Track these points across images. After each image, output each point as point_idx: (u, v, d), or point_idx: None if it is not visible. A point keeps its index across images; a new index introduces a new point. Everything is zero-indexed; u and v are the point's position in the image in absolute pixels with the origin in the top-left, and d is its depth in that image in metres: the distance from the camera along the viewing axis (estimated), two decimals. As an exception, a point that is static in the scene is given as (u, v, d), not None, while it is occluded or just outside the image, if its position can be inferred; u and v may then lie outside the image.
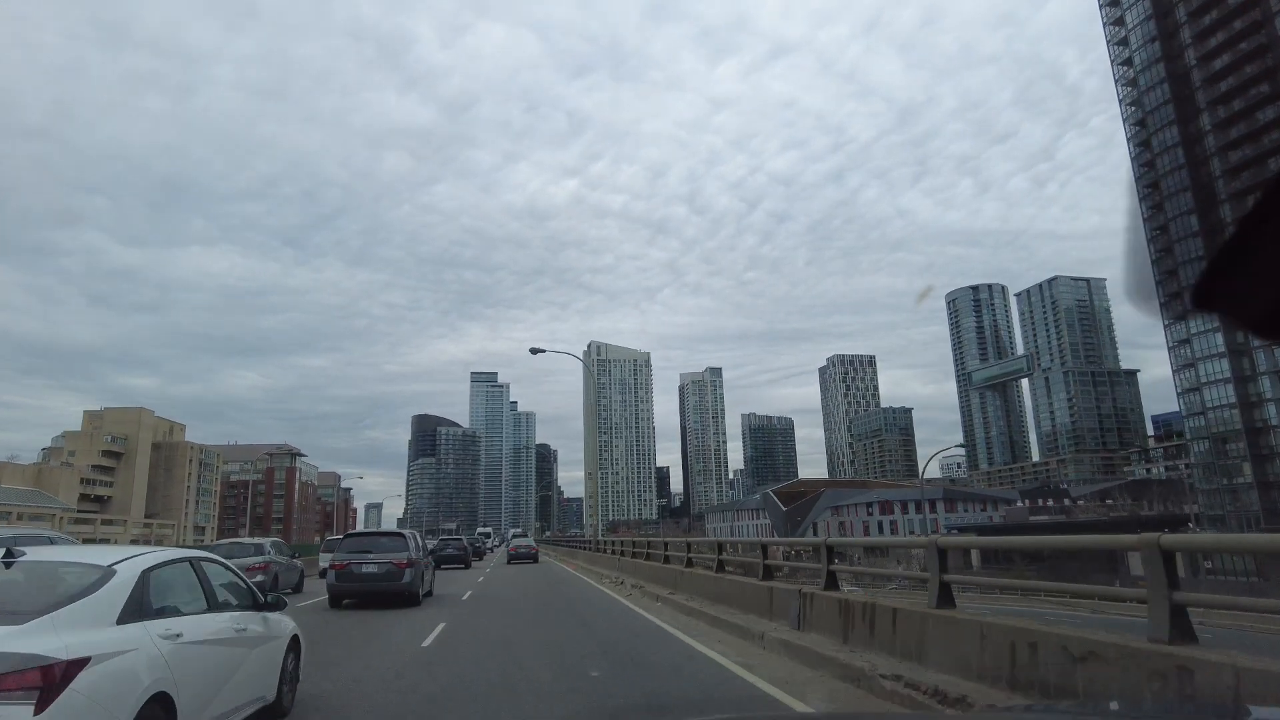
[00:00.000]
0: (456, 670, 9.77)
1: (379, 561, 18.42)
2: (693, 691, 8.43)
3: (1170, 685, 4.75)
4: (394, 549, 18.86)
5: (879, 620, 8.75)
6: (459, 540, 46.87)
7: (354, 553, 18.84)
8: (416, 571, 18.92)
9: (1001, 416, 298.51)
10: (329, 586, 18.91)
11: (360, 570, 18.44)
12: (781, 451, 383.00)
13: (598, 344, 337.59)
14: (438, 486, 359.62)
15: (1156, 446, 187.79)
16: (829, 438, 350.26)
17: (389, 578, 18.28)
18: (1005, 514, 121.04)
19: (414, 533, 21.89)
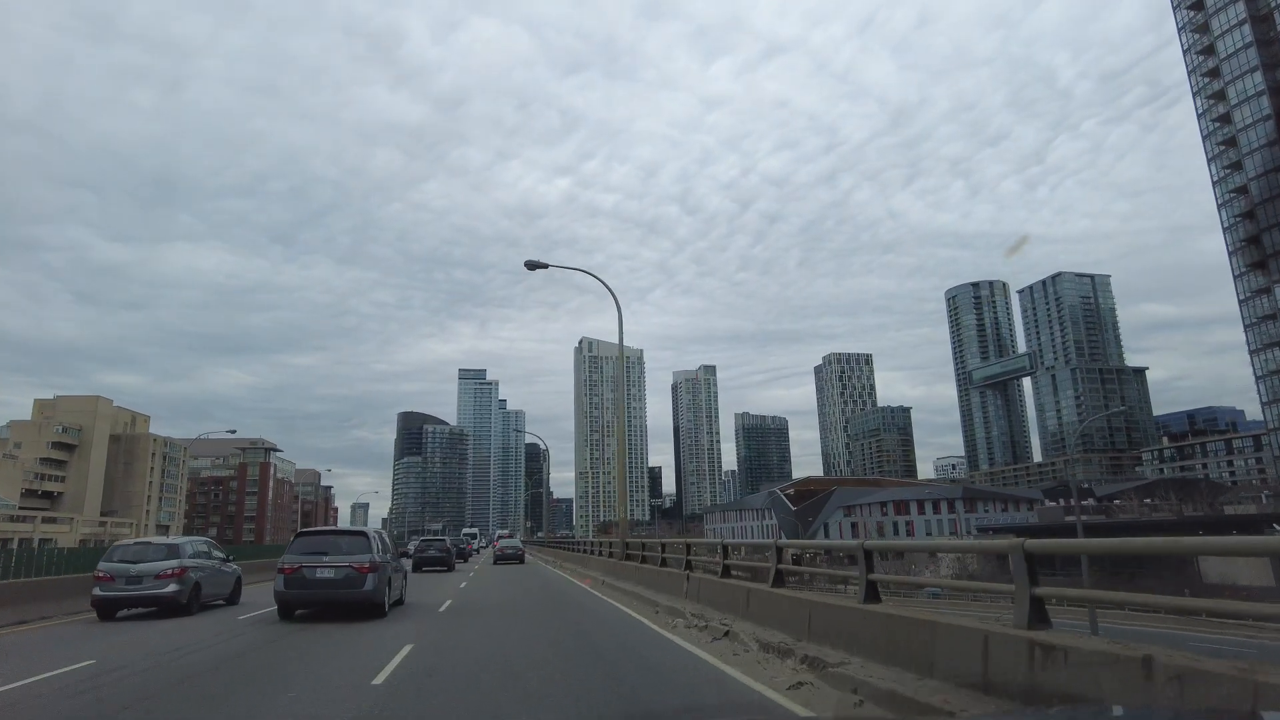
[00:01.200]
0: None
1: (336, 565, 15.79)
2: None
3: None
4: (354, 550, 16.14)
5: (964, 645, 6.38)
6: (441, 541, 43.26)
7: (306, 555, 16.03)
8: (381, 577, 16.17)
9: (1003, 416, 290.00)
10: (276, 594, 15.92)
11: (314, 575, 15.75)
12: (775, 452, 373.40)
13: (589, 339, 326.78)
14: (424, 486, 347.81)
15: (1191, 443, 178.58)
16: (825, 437, 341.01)
17: (348, 584, 15.68)
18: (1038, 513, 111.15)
19: (379, 532, 18.50)
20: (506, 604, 19.62)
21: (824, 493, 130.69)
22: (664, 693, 8.23)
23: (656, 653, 10.91)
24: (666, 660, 10.27)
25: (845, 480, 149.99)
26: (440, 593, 23.24)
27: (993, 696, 5.87)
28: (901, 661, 7.24)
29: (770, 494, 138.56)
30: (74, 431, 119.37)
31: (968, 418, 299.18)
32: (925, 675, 6.79)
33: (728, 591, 13.42)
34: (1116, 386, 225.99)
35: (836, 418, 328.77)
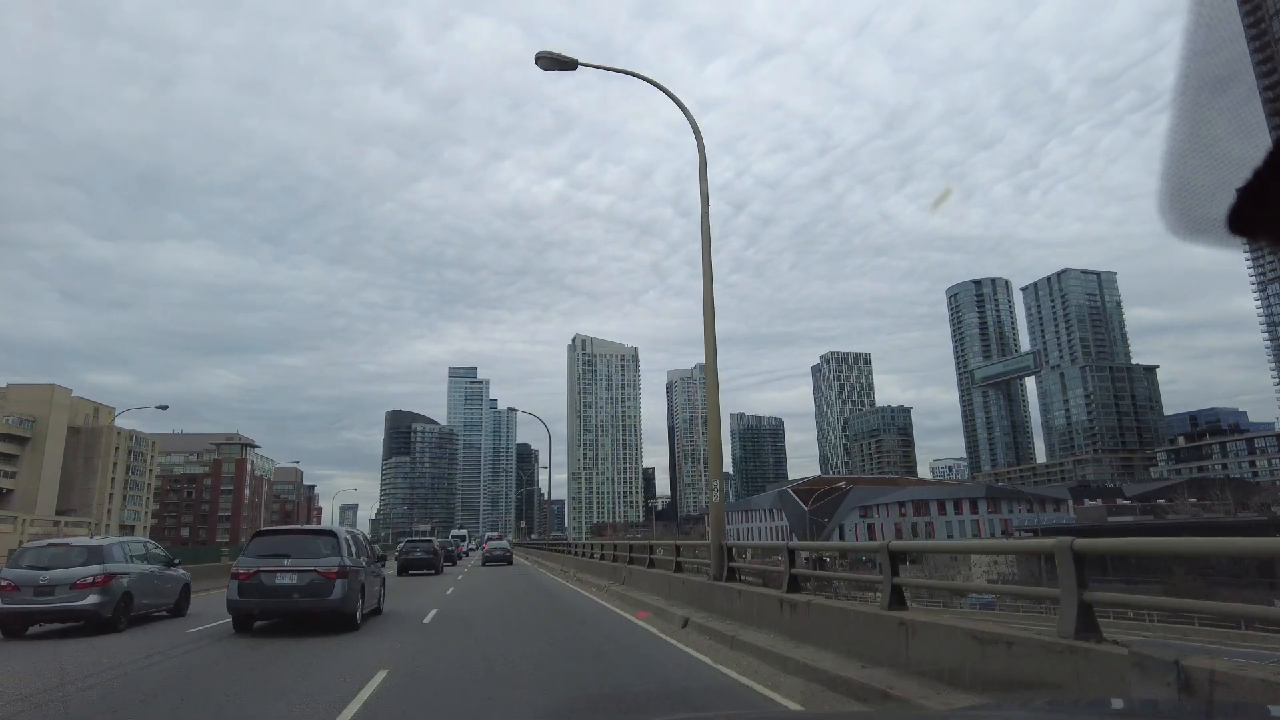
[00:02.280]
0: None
1: (299, 570, 13.31)
2: None
3: None
4: (320, 553, 13.60)
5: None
6: (428, 543, 40.53)
7: (265, 557, 13.49)
8: (351, 584, 13.63)
9: (1005, 416, 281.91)
10: (229, 604, 13.45)
11: (273, 582, 13.24)
12: (771, 453, 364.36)
13: (583, 338, 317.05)
14: (412, 487, 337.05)
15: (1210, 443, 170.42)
16: (822, 438, 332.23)
17: (312, 592, 13.21)
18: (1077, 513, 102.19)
19: (352, 532, 16.06)
20: (500, 614, 16.92)
21: (838, 492, 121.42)
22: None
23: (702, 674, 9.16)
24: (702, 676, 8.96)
25: (860, 478, 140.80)
26: (425, 599, 21.10)
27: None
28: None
29: (780, 493, 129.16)
30: (27, 423, 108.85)
31: (969, 418, 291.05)
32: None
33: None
34: (1127, 385, 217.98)
35: (835, 418, 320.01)
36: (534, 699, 8.05)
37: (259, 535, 14.96)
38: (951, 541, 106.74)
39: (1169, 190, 0.89)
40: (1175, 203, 0.91)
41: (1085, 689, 5.09)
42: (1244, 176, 0.82)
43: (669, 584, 16.90)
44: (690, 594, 14.80)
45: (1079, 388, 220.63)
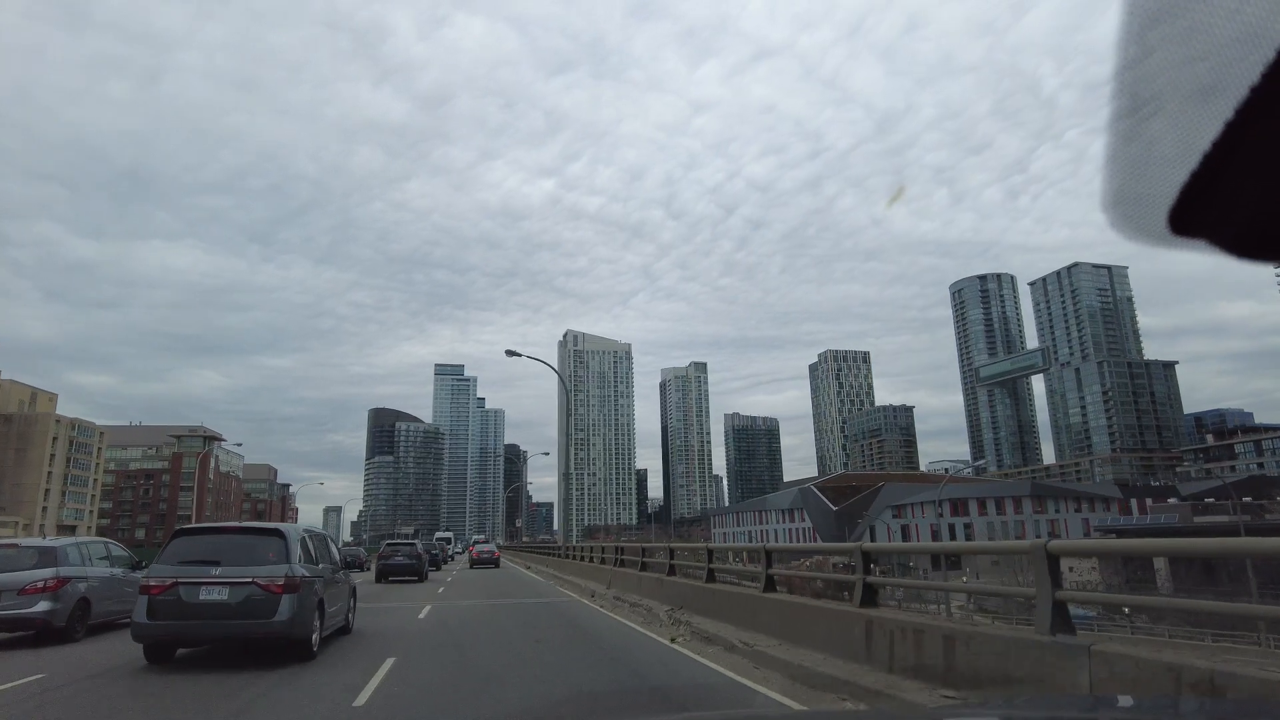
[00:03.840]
0: None
1: (232, 581, 10.02)
2: None
3: None
4: (262, 558, 10.34)
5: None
6: (411, 546, 34.51)
7: (186, 565, 10.21)
8: (304, 600, 10.36)
9: (1012, 416, 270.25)
10: (134, 629, 10.05)
11: (195, 598, 9.92)
12: (766, 454, 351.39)
13: (574, 333, 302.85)
14: (396, 488, 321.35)
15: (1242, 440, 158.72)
16: (819, 438, 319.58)
17: (250, 611, 9.93)
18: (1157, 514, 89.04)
19: (310, 530, 12.45)
20: (495, 632, 13.64)
21: (869, 489, 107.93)
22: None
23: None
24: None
25: (893, 475, 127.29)
26: (405, 613, 17.29)
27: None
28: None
29: (803, 491, 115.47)
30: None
31: (973, 417, 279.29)
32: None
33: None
34: (1146, 382, 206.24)
35: (834, 418, 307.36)
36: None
37: (180, 535, 10.84)
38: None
39: (1110, 190, 0.93)
40: (1117, 202, 0.93)
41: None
42: (1183, 178, 0.86)
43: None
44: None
45: (1096, 384, 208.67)
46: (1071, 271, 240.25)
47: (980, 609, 60.33)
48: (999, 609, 54.07)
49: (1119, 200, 0.90)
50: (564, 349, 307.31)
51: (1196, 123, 0.78)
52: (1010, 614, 40.89)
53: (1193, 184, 0.87)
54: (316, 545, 12.21)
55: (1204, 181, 0.86)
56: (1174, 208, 0.90)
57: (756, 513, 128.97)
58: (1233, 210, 0.88)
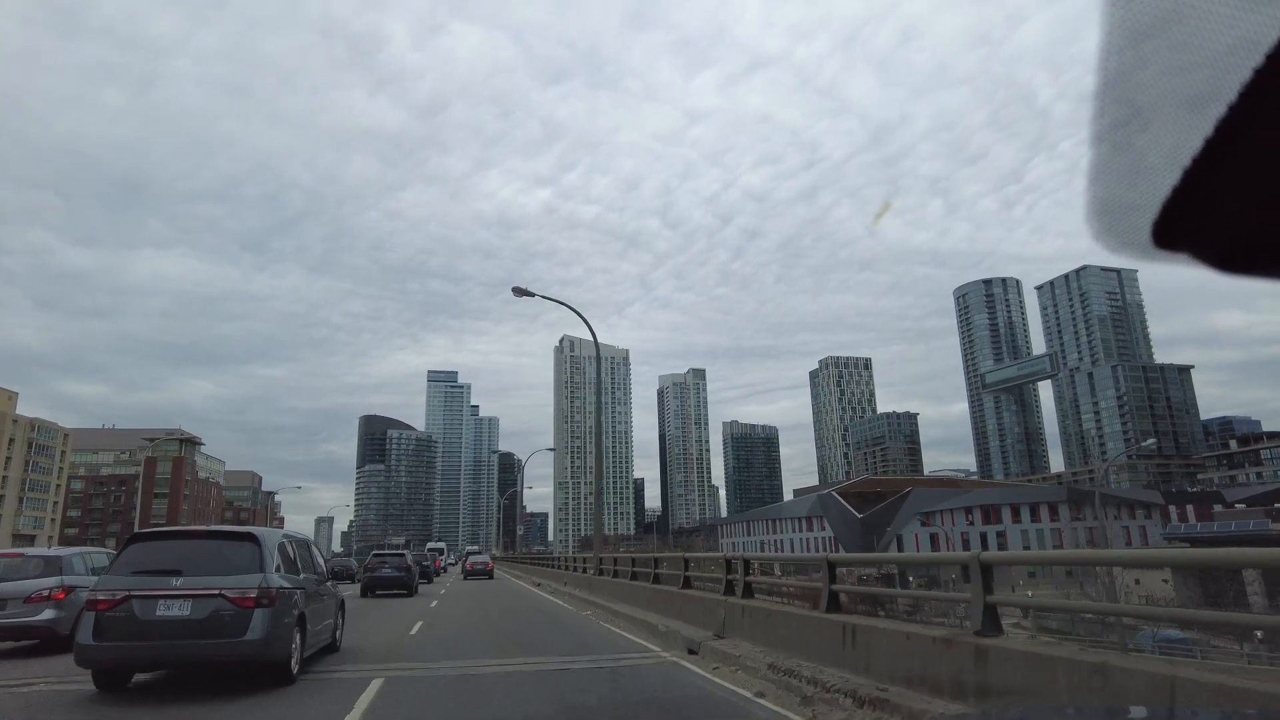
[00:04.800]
0: None
1: (195, 594, 8.54)
2: None
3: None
4: (231, 567, 8.92)
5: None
6: (400, 557, 30.97)
7: (142, 575, 8.71)
8: (280, 615, 8.98)
9: (1018, 423, 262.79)
10: (77, 652, 8.50)
11: (151, 614, 8.45)
12: (764, 464, 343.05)
13: (571, 338, 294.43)
14: (387, 497, 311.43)
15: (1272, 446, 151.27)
16: (820, 447, 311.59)
17: (216, 629, 8.47)
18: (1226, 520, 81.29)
19: (289, 536, 10.85)
20: (492, 647, 12.80)
21: (895, 495, 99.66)
22: None
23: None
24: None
25: (921, 479, 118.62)
26: (389, 633, 15.06)
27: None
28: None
29: (823, 498, 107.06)
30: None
31: (979, 424, 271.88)
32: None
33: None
34: (1161, 386, 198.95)
35: (835, 425, 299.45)
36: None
37: (135, 541, 9.36)
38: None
39: (1094, 204, 0.91)
40: (1102, 214, 0.91)
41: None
42: (1166, 192, 0.85)
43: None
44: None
45: (1110, 389, 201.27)
46: (1080, 275, 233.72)
47: (1042, 627, 52.69)
48: (1061, 626, 49.07)
49: (1103, 212, 0.90)
50: (560, 354, 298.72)
51: (1178, 138, 0.76)
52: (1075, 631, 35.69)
53: (1175, 198, 0.87)
54: (298, 552, 10.68)
55: (1186, 196, 0.86)
56: (1157, 221, 0.90)
57: (770, 521, 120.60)
58: (1215, 225, 0.89)
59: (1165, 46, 0.72)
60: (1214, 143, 0.78)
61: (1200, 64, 0.72)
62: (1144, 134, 0.81)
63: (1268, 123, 0.74)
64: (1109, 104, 0.81)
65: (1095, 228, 0.92)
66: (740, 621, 11.64)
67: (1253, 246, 0.88)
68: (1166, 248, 0.92)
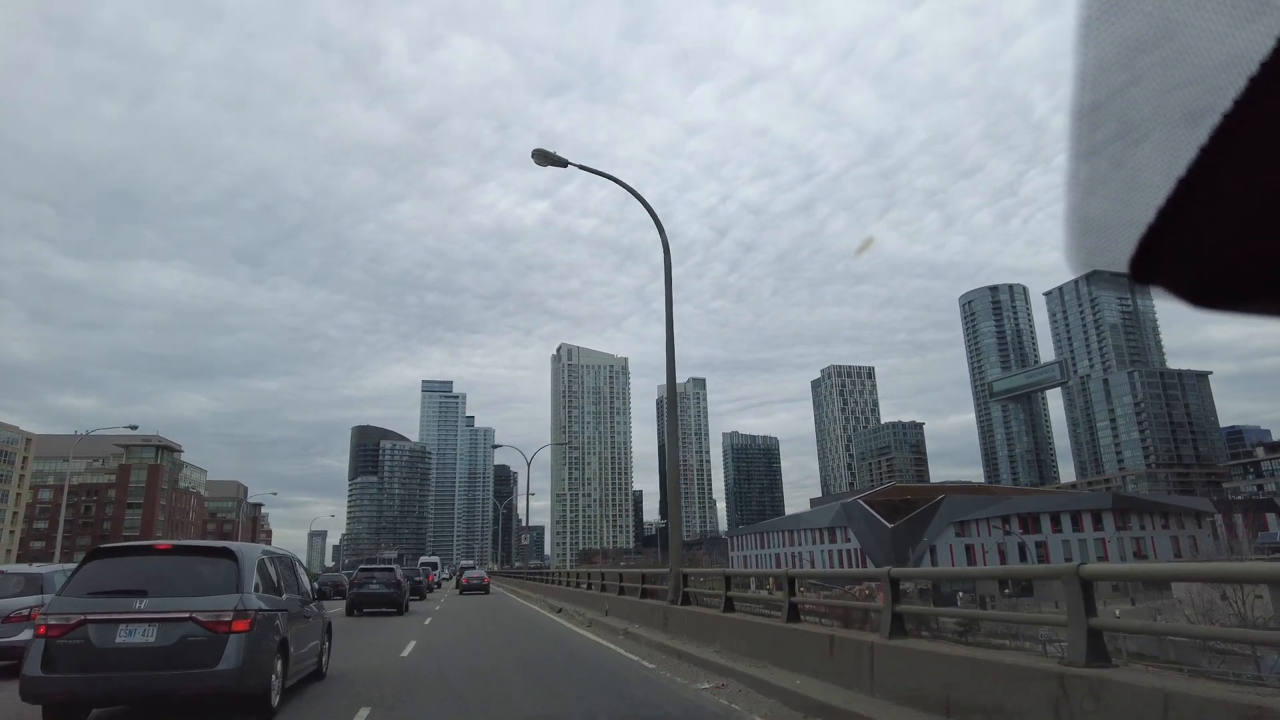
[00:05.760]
0: None
1: (163, 617, 7.37)
2: None
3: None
4: (202, 587, 7.70)
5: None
6: (389, 572, 28.90)
7: (102, 596, 7.56)
8: (259, 641, 7.73)
9: (1026, 432, 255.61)
10: (24, 684, 7.17)
11: (110, 642, 7.24)
12: (765, 475, 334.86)
13: (568, 347, 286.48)
14: (380, 510, 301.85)
15: None
16: (823, 457, 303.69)
17: (185, 658, 7.24)
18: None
19: (270, 552, 9.52)
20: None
21: (927, 502, 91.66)
22: None
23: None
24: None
25: (953, 486, 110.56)
26: (375, 660, 13.28)
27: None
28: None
29: (847, 507, 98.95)
30: None
31: (986, 434, 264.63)
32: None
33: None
34: (1179, 393, 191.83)
35: (838, 436, 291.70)
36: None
37: (95, 557, 8.06)
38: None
39: (1071, 239, 0.89)
40: (1079, 251, 0.90)
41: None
42: (1141, 230, 0.83)
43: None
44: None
45: (1127, 395, 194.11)
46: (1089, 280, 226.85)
47: (1116, 648, 45.16)
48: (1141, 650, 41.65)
49: (1083, 253, 0.87)
50: (557, 363, 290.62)
51: (1150, 176, 0.75)
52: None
53: (1149, 235, 0.86)
54: (280, 570, 9.40)
55: (1159, 232, 0.85)
56: (1134, 258, 0.89)
57: (786, 533, 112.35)
58: (1188, 261, 0.87)
59: (1158, 62, 0.72)
60: (1184, 184, 0.80)
61: (1192, 81, 0.71)
62: (1124, 159, 0.80)
63: (1246, 145, 0.74)
64: (1081, 135, 0.81)
65: (1074, 264, 0.89)
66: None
67: (1224, 282, 0.87)
68: (1143, 281, 0.92)
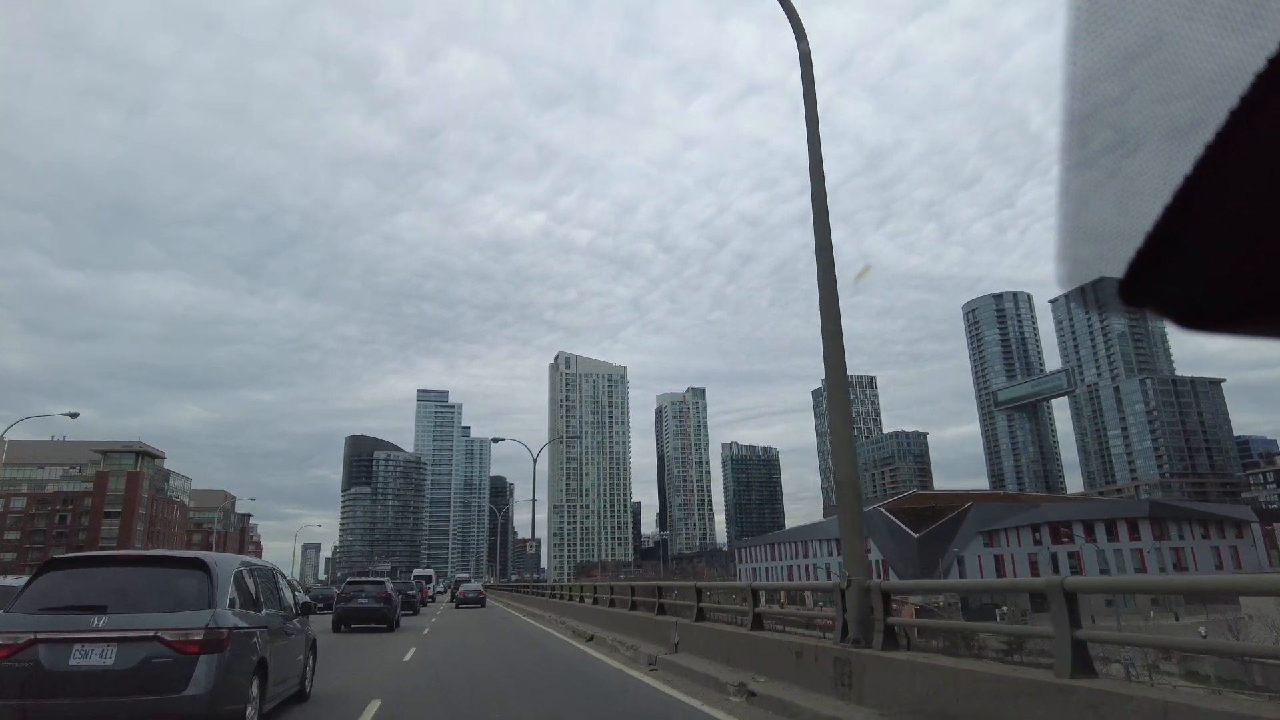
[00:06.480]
0: None
1: (124, 636, 6.47)
2: None
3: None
4: (170, 603, 6.86)
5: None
6: (378, 585, 27.11)
7: (56, 613, 6.67)
8: (234, 663, 6.90)
9: (1032, 442, 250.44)
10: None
11: (65, 665, 6.34)
12: (764, 487, 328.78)
13: (567, 355, 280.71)
14: (374, 521, 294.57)
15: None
16: (824, 468, 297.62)
17: (148, 683, 6.36)
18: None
19: (250, 563, 8.66)
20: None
21: (953, 511, 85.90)
22: None
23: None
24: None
25: (979, 493, 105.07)
26: (372, 671, 12.78)
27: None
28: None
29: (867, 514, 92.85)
30: None
31: (992, 444, 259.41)
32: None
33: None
34: (1192, 400, 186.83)
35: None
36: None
37: (50, 569, 7.22)
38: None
39: (1063, 266, 0.88)
40: (1071, 278, 0.88)
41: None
42: (1130, 254, 0.84)
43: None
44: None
45: (1139, 403, 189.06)
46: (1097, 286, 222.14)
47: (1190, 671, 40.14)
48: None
49: (1074, 275, 0.87)
50: (555, 372, 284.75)
51: (1142, 185, 0.76)
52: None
53: (1138, 259, 0.86)
54: (260, 584, 8.49)
55: (1148, 257, 0.85)
56: (1123, 281, 0.90)
57: (799, 544, 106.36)
58: (1177, 284, 0.87)
59: (1148, 73, 0.71)
60: (1171, 211, 0.79)
61: (1185, 94, 0.70)
62: (1104, 198, 0.78)
63: (1242, 158, 0.74)
64: (1076, 140, 0.80)
65: (1065, 275, 0.89)
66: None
67: (1213, 304, 0.87)
68: (1132, 304, 0.92)
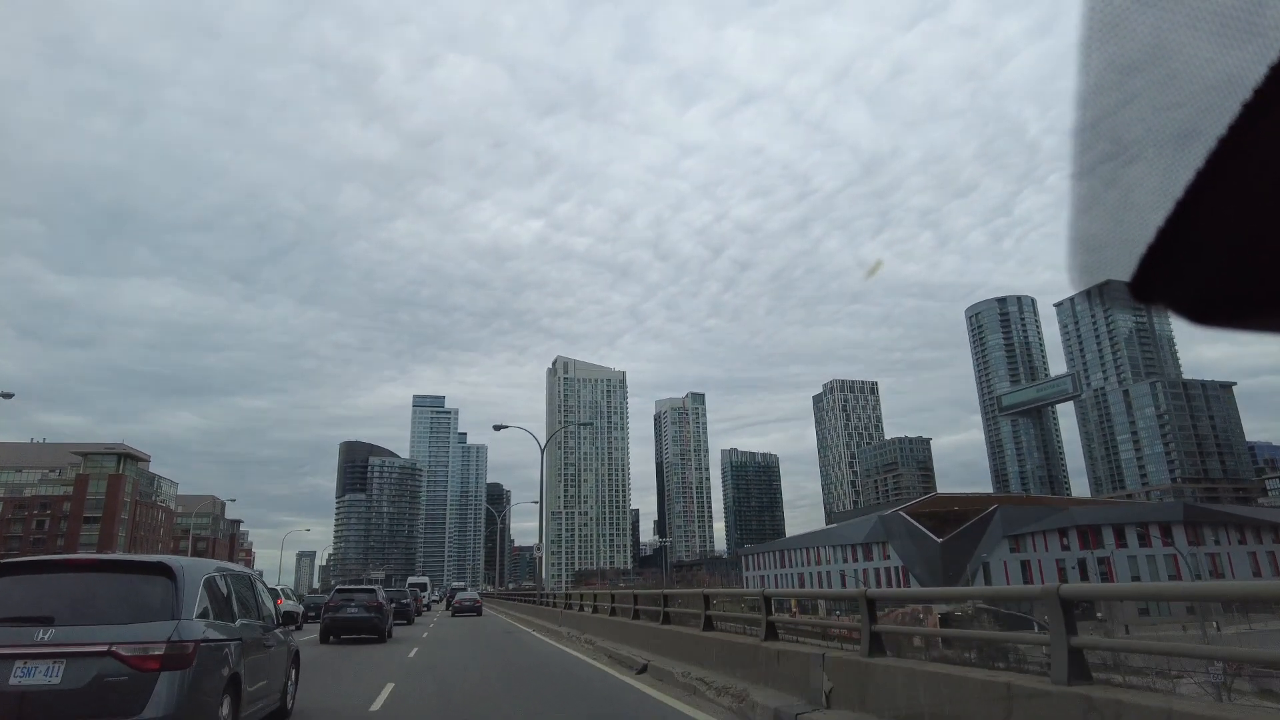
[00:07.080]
0: None
1: (73, 651, 5.63)
2: None
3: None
4: (128, 613, 6.02)
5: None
6: (369, 593, 25.30)
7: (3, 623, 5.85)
8: (200, 680, 6.05)
9: (1037, 447, 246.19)
10: None
11: (4, 685, 5.48)
12: (765, 493, 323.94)
13: (565, 360, 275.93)
14: (368, 529, 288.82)
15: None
16: (825, 474, 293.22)
17: (99, 704, 5.54)
18: None
19: (225, 568, 7.84)
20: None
21: (977, 514, 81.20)
22: None
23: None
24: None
25: (1004, 496, 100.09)
26: (363, 686, 11.78)
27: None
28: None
29: (885, 520, 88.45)
30: None
31: (996, 450, 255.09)
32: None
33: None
34: (1203, 404, 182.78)
35: (841, 452, 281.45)
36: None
37: (5, 572, 6.53)
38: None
39: (1075, 260, 0.88)
40: (1083, 273, 0.89)
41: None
42: (1141, 245, 0.84)
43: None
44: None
45: (1149, 407, 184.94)
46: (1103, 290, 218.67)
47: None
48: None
49: (1085, 272, 0.86)
50: (553, 376, 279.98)
51: (1144, 194, 0.75)
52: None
53: (1149, 254, 0.86)
54: (235, 590, 7.62)
55: (1159, 252, 0.85)
56: (1135, 276, 0.90)
57: (811, 550, 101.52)
58: (1188, 279, 0.86)
59: (1152, 82, 0.69)
60: (1182, 205, 0.78)
61: (1183, 101, 0.69)
62: (1121, 178, 0.78)
63: (1246, 163, 0.73)
64: (1088, 144, 0.78)
65: (1074, 280, 0.88)
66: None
67: (1225, 299, 0.87)
68: (1143, 300, 0.92)
